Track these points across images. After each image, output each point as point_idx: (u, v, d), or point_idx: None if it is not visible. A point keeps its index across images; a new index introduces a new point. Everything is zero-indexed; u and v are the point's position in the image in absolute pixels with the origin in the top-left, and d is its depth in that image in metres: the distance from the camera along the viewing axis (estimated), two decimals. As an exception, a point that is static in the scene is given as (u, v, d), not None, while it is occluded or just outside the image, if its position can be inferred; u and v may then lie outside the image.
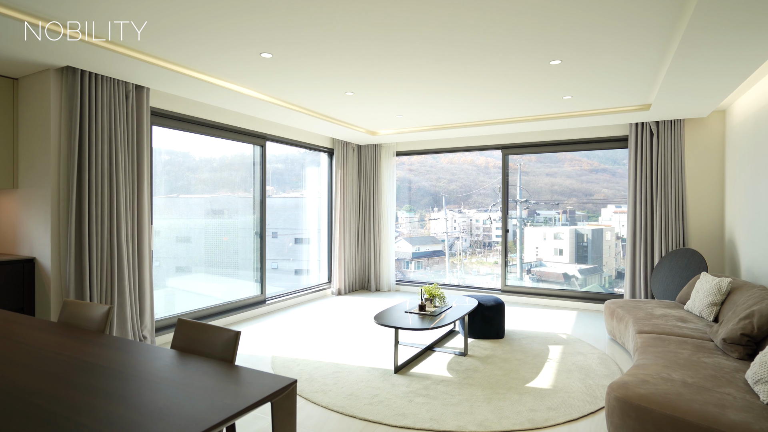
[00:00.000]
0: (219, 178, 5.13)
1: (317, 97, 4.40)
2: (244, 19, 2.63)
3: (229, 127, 4.93)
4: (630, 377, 2.38)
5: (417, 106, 4.75)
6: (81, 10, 2.53)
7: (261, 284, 5.53)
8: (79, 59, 3.14)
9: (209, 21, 2.66)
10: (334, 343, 4.15)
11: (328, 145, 6.59)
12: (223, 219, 5.18)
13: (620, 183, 5.97)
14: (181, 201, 4.72)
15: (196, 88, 3.93)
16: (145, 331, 3.83)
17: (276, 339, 4.32)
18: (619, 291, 5.92)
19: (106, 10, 2.53)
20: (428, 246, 7.38)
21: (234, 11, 2.54)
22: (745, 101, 4.32)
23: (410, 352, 3.88)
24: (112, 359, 1.55)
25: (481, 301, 4.37)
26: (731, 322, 2.87)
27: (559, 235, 6.18)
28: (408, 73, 3.62)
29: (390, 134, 6.30)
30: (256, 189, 5.51)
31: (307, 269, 6.66)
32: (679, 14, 2.48)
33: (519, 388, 3.12)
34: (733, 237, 4.64)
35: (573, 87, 3.97)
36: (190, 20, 2.65)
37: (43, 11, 2.53)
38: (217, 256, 5.13)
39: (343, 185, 6.71)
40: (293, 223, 6.42)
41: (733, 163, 4.66)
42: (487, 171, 6.89)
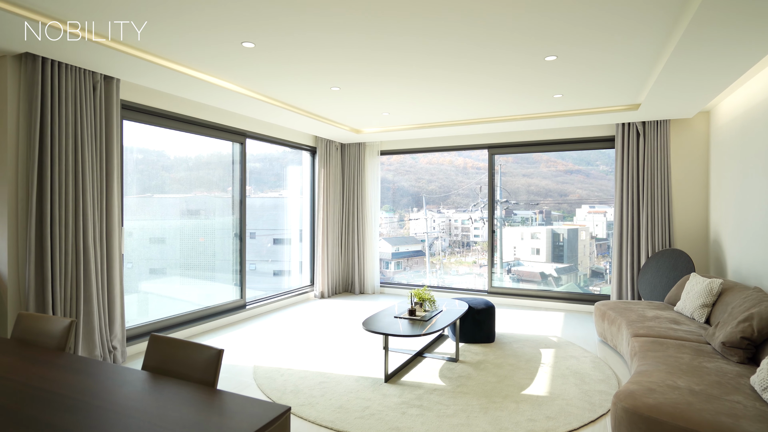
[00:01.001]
0: (196, 177, 4.86)
1: (301, 92, 4.19)
2: (226, 3, 2.42)
3: (208, 123, 4.67)
4: (635, 385, 2.27)
5: (405, 103, 4.60)
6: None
7: (241, 288, 5.28)
8: (39, 45, 2.86)
9: (186, 5, 2.44)
10: (319, 350, 3.95)
11: (310, 144, 6.37)
12: (199, 220, 4.92)
13: (594, 184, 6.06)
14: (155, 201, 4.45)
15: (171, 80, 3.67)
16: (114, 341, 3.56)
17: (257, 346, 4.10)
18: (595, 290, 5.99)
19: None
20: (408, 246, 7.34)
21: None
22: (730, 103, 4.33)
23: (400, 358, 3.72)
24: (71, 385, 1.34)
25: (470, 304, 4.25)
26: (729, 325, 2.81)
27: (536, 234, 6.27)
28: (397, 67, 3.46)
29: (375, 132, 6.13)
30: (236, 189, 5.25)
31: (288, 271, 6.43)
32: (683, 8, 2.40)
33: (515, 395, 3.00)
34: (718, 237, 4.65)
35: (566, 85, 3.89)
36: (164, 3, 2.43)
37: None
38: (193, 259, 4.86)
39: (326, 185, 6.51)
40: (273, 224, 6.19)
41: (718, 164, 4.68)
42: (465, 172, 6.91)
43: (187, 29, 2.76)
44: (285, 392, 3.04)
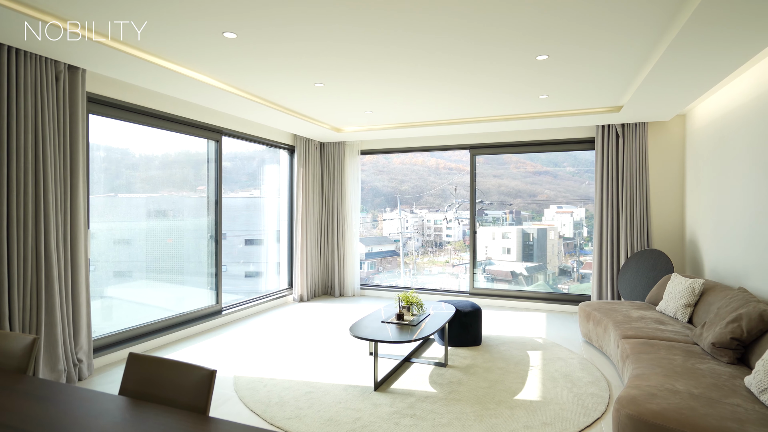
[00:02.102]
0: (168, 176, 4.59)
1: (284, 87, 4.01)
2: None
3: (183, 120, 4.42)
4: (635, 390, 2.24)
5: (389, 101, 4.48)
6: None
7: (216, 292, 5.03)
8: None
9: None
10: (303, 358, 3.79)
11: (289, 142, 6.17)
12: (171, 221, 4.65)
13: (561, 185, 6.23)
14: (122, 201, 4.16)
15: (143, 72, 3.43)
16: (80, 354, 3.28)
17: (237, 355, 3.89)
18: (563, 288, 6.14)
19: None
20: (382, 246, 7.34)
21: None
22: (706, 107, 4.43)
23: (388, 365, 3.61)
24: (32, 417, 1.15)
25: (457, 307, 4.17)
26: (717, 326, 2.83)
27: (507, 234, 6.38)
28: (386, 63, 3.34)
29: (356, 131, 5.99)
30: (211, 188, 5.01)
31: (264, 274, 6.20)
32: (681, 5, 2.38)
33: (508, 401, 2.93)
34: (695, 238, 4.76)
35: (553, 85, 3.86)
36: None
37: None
38: (165, 262, 4.59)
39: (304, 185, 6.32)
40: (248, 225, 5.95)
41: (694, 166, 4.79)
42: (437, 172, 6.99)
43: (163, 16, 2.55)
44: (269, 405, 2.87)
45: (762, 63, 3.31)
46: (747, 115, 3.55)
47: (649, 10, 2.43)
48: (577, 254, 6.27)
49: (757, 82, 3.38)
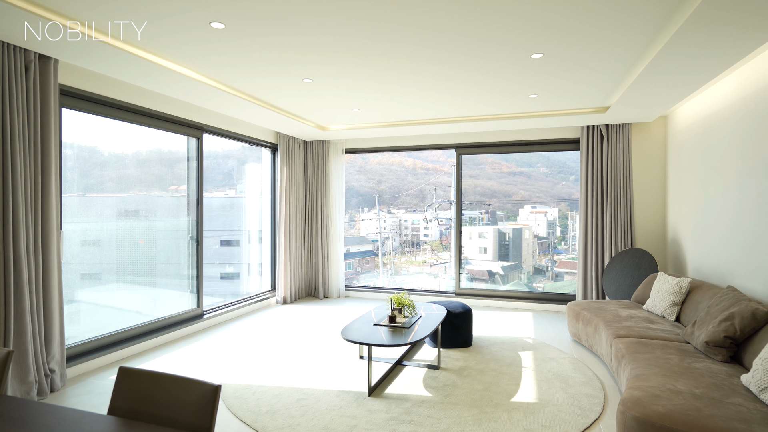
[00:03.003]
0: (147, 175, 4.37)
1: (271, 83, 3.87)
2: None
3: (162, 115, 4.21)
4: (638, 391, 2.22)
5: (378, 99, 4.39)
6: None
7: (197, 295, 4.84)
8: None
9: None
10: (291, 363, 3.66)
11: (272, 140, 6.00)
12: (150, 221, 4.43)
13: (535, 185, 6.39)
14: (97, 201, 3.94)
15: (121, 64, 3.23)
16: (52, 364, 3.07)
17: (221, 361, 3.73)
18: (538, 286, 6.26)
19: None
20: (359, 246, 7.34)
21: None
22: (688, 108, 4.52)
23: (380, 368, 3.51)
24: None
25: (447, 308, 4.12)
26: (710, 325, 2.86)
27: (484, 234, 6.46)
28: (379, 59, 3.25)
29: (341, 130, 5.87)
30: (191, 187, 4.80)
31: (246, 275, 6.02)
32: (680, 5, 2.38)
33: (505, 404, 2.89)
34: (677, 237, 4.85)
35: (545, 84, 3.85)
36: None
37: None
38: (142, 264, 4.37)
39: (288, 184, 6.16)
40: (229, 225, 5.76)
41: (676, 167, 4.88)
42: (415, 172, 7.06)
43: (144, 1, 2.39)
44: (260, 414, 2.74)
45: (747, 65, 3.38)
46: (732, 116, 3.62)
47: (648, 9, 2.42)
48: (551, 253, 6.41)
49: (742, 85, 3.45)
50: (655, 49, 2.87)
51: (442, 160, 7.05)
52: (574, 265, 6.27)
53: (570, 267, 6.31)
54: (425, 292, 6.38)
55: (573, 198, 6.19)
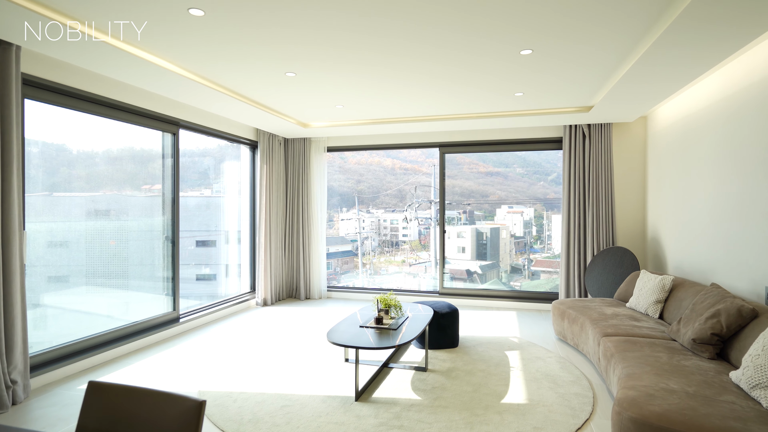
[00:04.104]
0: (119, 173, 4.15)
1: (252, 77, 3.72)
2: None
3: (135, 109, 4.00)
4: (633, 391, 2.19)
5: (363, 95, 4.29)
6: None
7: (173, 298, 4.63)
8: None
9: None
10: (273, 367, 3.52)
11: (251, 137, 5.82)
12: (122, 221, 4.21)
13: (512, 185, 6.52)
14: (65, 200, 3.71)
15: (90, 53, 3.04)
16: (14, 374, 2.85)
17: (200, 366, 3.56)
18: (515, 285, 6.36)
19: None
20: (339, 246, 7.31)
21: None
22: (668, 109, 4.59)
23: (367, 371, 3.42)
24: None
25: (434, 308, 4.05)
26: (696, 322, 2.87)
27: (462, 234, 6.52)
28: (366, 53, 3.15)
29: (323, 127, 5.75)
30: (167, 186, 4.59)
31: (225, 276, 5.82)
32: (671, 2, 2.36)
33: (496, 405, 2.83)
34: (657, 235, 4.92)
35: (532, 81, 3.82)
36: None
37: None
38: (114, 266, 4.15)
39: (268, 182, 5.99)
40: (205, 225, 5.56)
41: (656, 166, 4.95)
42: (393, 172, 7.09)
43: (119, -14, 2.23)
44: (242, 423, 2.60)
45: (728, 66, 3.43)
46: (713, 116, 3.67)
47: (640, 4, 2.40)
48: (528, 252, 6.51)
49: (724, 85, 3.50)
50: (646, 45, 2.85)
51: (421, 161, 7.09)
52: (550, 264, 6.36)
53: (546, 265, 6.41)
54: (409, 292, 6.31)
55: (548, 198, 6.29)
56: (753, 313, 2.62)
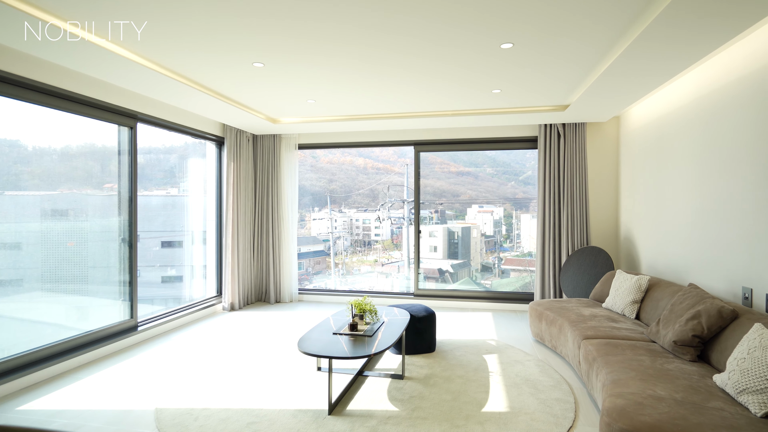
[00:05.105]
0: (69, 170, 3.80)
1: (216, 66, 3.46)
2: None
3: (86, 100, 3.66)
4: (620, 399, 2.10)
5: (335, 90, 4.10)
6: None
7: (131, 304, 4.30)
8: None
9: None
10: (240, 379, 3.28)
11: (217, 133, 5.52)
12: (74, 222, 3.86)
13: (482, 185, 6.60)
14: (6, 199, 3.35)
15: (30, 36, 2.72)
16: (-60, 396, 2.51)
17: (158, 380, 3.28)
18: (486, 283, 6.43)
19: None
20: (311, 246, 7.20)
21: None
22: (642, 109, 4.60)
23: (341, 381, 3.23)
24: None
25: (410, 312, 3.91)
26: (677, 324, 2.83)
27: (434, 233, 6.52)
28: (338, 45, 2.96)
29: (293, 123, 5.51)
30: (123, 184, 4.26)
31: (189, 279, 5.50)
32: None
33: (477, 415, 2.71)
34: (630, 234, 4.94)
35: (510, 77, 3.71)
36: None
37: None
38: (65, 271, 3.80)
39: (236, 181, 5.70)
40: (169, 226, 5.23)
41: (629, 165, 4.97)
42: (366, 172, 7.07)
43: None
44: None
45: (703, 67, 3.43)
46: (688, 116, 3.67)
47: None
48: (498, 251, 6.55)
49: (699, 85, 3.50)
50: (631, 37, 2.75)
51: (393, 160, 7.03)
52: (520, 262, 6.39)
53: (516, 264, 6.44)
54: (383, 294, 6.15)
55: (517, 198, 6.34)
56: (733, 314, 2.60)
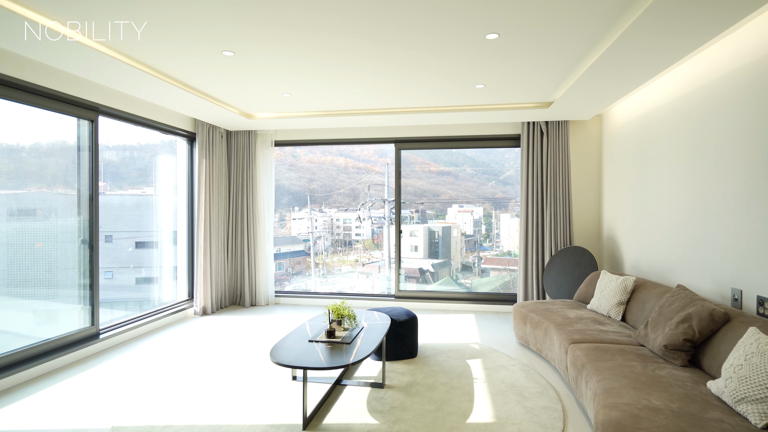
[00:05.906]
0: (21, 168, 3.49)
1: (183, 55, 3.21)
2: None
3: (41, 90, 3.36)
4: (615, 411, 1.97)
5: (312, 83, 3.89)
6: None
7: (92, 310, 4.00)
8: None
9: None
10: (208, 391, 3.05)
11: (188, 128, 5.24)
12: (32, 222, 3.56)
13: (462, 185, 6.58)
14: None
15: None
16: None
17: (119, 394, 3.02)
18: (466, 282, 6.39)
19: None
20: (290, 246, 7.07)
21: None
22: (624, 107, 4.54)
23: (317, 391, 3.03)
24: None
25: (391, 316, 3.74)
26: (666, 327, 2.74)
27: (415, 233, 6.49)
28: (313, 35, 2.76)
29: (269, 119, 5.27)
30: (83, 182, 3.95)
31: (158, 282, 5.21)
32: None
33: (462, 427, 2.55)
34: (613, 234, 4.88)
35: (495, 70, 3.58)
36: None
37: None
38: (18, 275, 3.50)
39: (208, 179, 5.43)
40: (136, 226, 4.94)
41: (612, 164, 4.91)
42: (346, 171, 7.01)
43: None
44: (163, 467, 2.14)
45: (687, 64, 3.36)
46: (672, 114, 3.60)
47: (618, -14, 2.20)
48: (477, 250, 6.53)
49: (683, 83, 3.43)
50: (622, 27, 2.64)
51: (374, 160, 6.94)
52: (499, 261, 6.34)
53: (496, 263, 6.40)
54: (363, 296, 5.96)
55: (497, 198, 6.31)
56: (725, 317, 2.51)
